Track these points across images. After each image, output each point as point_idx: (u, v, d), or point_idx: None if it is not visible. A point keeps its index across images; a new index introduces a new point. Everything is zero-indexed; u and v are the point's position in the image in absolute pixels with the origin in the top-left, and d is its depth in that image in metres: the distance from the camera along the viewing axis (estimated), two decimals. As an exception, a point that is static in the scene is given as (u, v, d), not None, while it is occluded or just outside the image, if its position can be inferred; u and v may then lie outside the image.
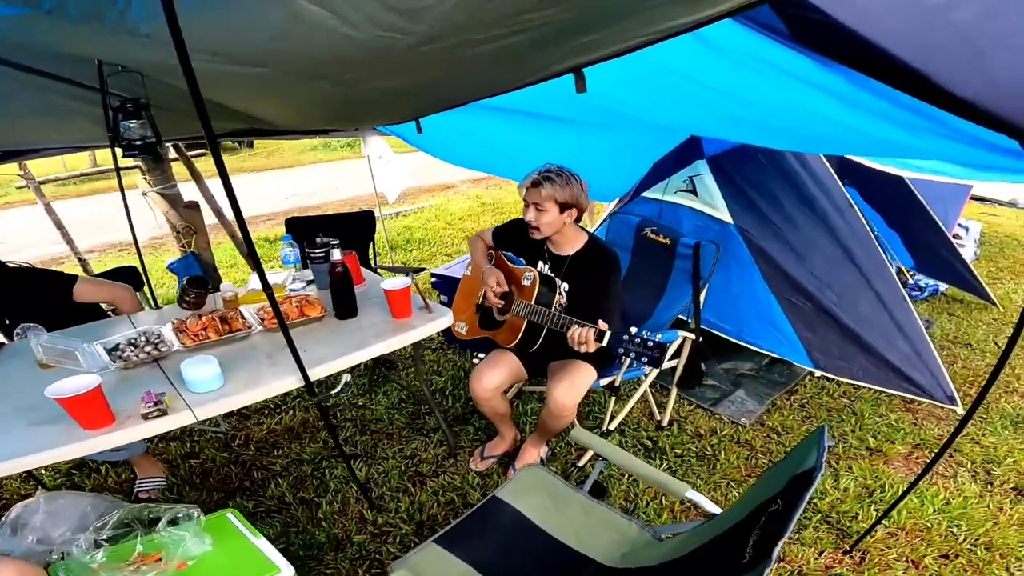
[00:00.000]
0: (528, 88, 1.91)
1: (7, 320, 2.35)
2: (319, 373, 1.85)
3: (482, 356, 3.38)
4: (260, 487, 2.50)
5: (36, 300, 2.37)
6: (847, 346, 3.11)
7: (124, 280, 2.56)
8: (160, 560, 1.41)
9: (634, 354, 1.84)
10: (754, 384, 3.18)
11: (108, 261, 5.56)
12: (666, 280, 2.71)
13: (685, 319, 2.70)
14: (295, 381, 1.79)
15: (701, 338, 2.60)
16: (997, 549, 2.14)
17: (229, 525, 1.61)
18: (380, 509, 2.36)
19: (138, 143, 1.98)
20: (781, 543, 0.96)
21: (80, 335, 2.04)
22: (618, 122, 2.61)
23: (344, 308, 2.21)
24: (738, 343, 3.30)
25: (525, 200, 2.25)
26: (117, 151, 2.03)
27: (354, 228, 3.43)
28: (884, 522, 2.21)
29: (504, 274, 2.41)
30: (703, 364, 2.99)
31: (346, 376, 1.91)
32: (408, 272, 2.38)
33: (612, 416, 2.67)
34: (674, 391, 2.83)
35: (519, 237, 2.41)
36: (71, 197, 8.79)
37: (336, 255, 2.16)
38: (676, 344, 2.56)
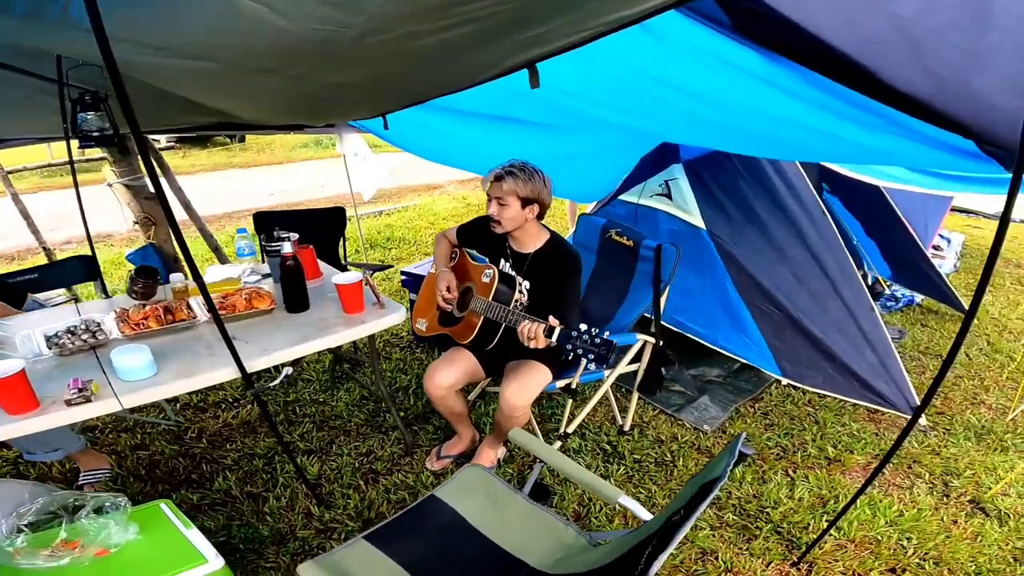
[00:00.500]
0: (492, 89, 1.88)
1: None
2: (258, 365, 1.81)
3: (445, 355, 3.35)
4: (207, 480, 2.46)
5: None
6: (813, 355, 3.10)
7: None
8: (78, 547, 1.39)
9: (581, 351, 1.83)
10: (720, 391, 3.16)
11: (82, 251, 5.49)
12: (628, 283, 2.68)
13: (650, 317, 2.67)
14: (231, 372, 1.75)
15: (661, 342, 2.57)
16: (946, 564, 2.11)
17: (160, 515, 1.59)
18: (328, 505, 2.33)
19: (95, 135, 1.98)
20: (663, 557, 0.92)
21: (27, 322, 2.00)
22: (585, 124, 2.58)
23: (294, 301, 2.17)
24: (707, 349, 3.29)
25: (488, 194, 2.24)
26: (73, 143, 2.03)
27: (324, 223, 3.40)
28: (834, 533, 2.19)
29: (465, 271, 2.39)
30: (664, 369, 2.97)
31: (287, 369, 1.87)
32: (375, 271, 2.35)
33: (571, 419, 2.63)
34: (635, 395, 2.81)
35: (483, 234, 2.39)
36: (57, 188, 8.69)
37: (287, 248, 2.12)
38: (636, 347, 2.53)
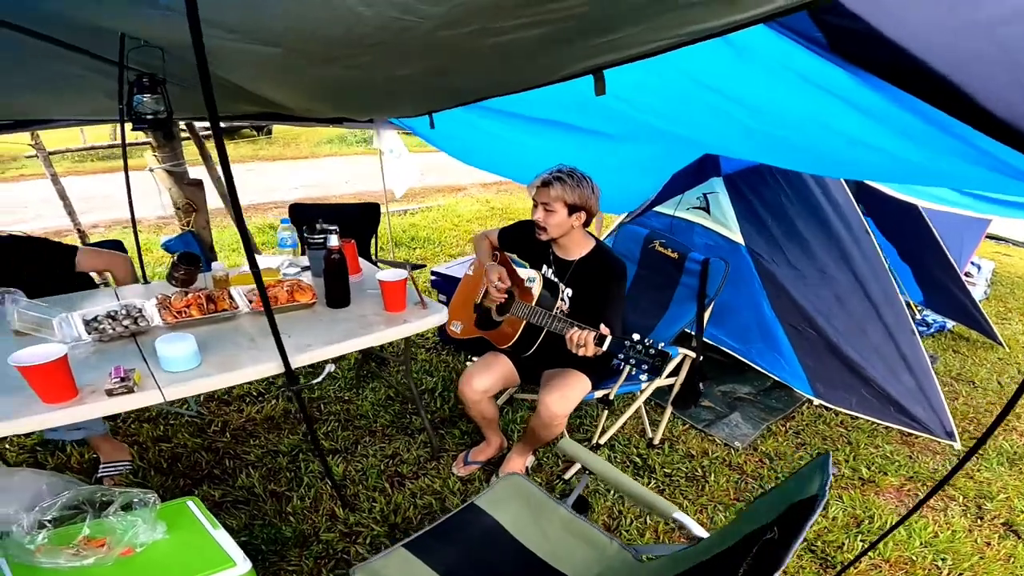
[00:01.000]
0: (543, 91, 1.85)
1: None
2: (301, 361, 1.78)
3: (475, 359, 3.31)
4: (230, 476, 2.42)
5: (35, 269, 2.33)
6: (849, 377, 3.07)
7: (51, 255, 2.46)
8: (104, 546, 1.33)
9: (634, 361, 1.78)
10: (750, 408, 3.12)
11: (109, 236, 5.53)
12: (671, 295, 2.63)
13: (690, 332, 2.63)
14: (275, 367, 1.71)
15: (701, 357, 2.52)
16: (980, 584, 2.07)
17: (188, 513, 1.53)
18: (353, 508, 2.28)
19: (149, 117, 1.97)
20: (777, 575, 0.88)
21: (64, 304, 1.96)
22: (634, 132, 2.54)
23: (336, 296, 2.14)
24: (737, 366, 3.26)
25: (534, 200, 2.20)
26: (126, 126, 2.03)
27: (357, 219, 3.38)
28: (869, 553, 2.15)
29: (507, 275, 2.34)
30: (701, 384, 2.92)
31: (329, 366, 1.83)
32: (417, 268, 2.32)
33: (603, 430, 2.59)
34: (668, 409, 2.76)
35: (525, 239, 2.36)
36: (88, 173, 8.77)
37: (333, 241, 2.09)
38: (675, 361, 2.48)
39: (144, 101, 1.89)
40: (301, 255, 2.65)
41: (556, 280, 2.27)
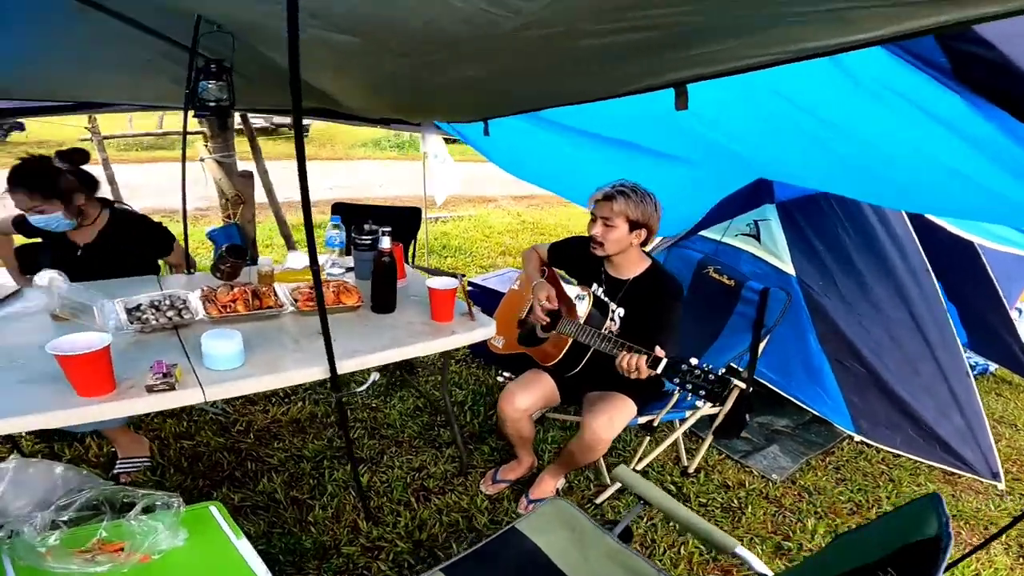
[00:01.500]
0: (606, 104, 1.77)
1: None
2: (348, 367, 1.70)
3: (508, 375, 3.23)
4: (251, 480, 2.35)
5: (141, 249, 2.42)
6: (895, 415, 2.97)
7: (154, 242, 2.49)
8: (121, 551, 1.22)
9: (691, 386, 1.70)
10: (789, 442, 3.03)
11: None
12: (723, 324, 2.53)
13: (736, 367, 2.52)
14: (320, 372, 1.64)
15: (752, 389, 2.40)
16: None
17: (210, 520, 1.42)
18: (377, 521, 2.20)
19: (212, 104, 1.95)
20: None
21: (105, 290, 1.90)
22: (696, 154, 2.45)
23: (383, 301, 2.06)
24: (776, 398, 3.16)
25: (593, 214, 2.12)
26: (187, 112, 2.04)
27: (399, 222, 3.31)
28: None
29: (555, 291, 2.26)
30: (748, 416, 2.82)
31: (375, 374, 1.76)
32: (455, 275, 2.24)
33: (641, 457, 2.50)
34: (709, 439, 2.66)
35: (577, 255, 2.28)
36: (130, 162, 8.88)
37: (385, 243, 2.02)
38: (725, 392, 2.38)
39: (209, 88, 1.86)
40: (346, 255, 2.58)
41: (606, 300, 2.18)
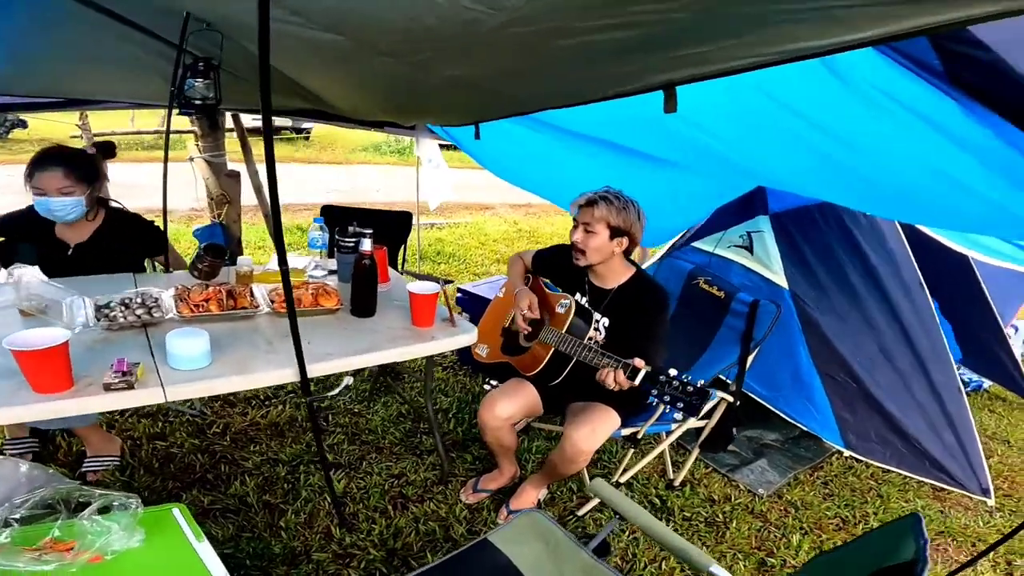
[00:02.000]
0: (599, 106, 1.74)
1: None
2: (320, 370, 1.65)
3: (495, 383, 3.16)
4: (223, 482, 2.30)
5: (137, 249, 2.39)
6: (885, 431, 2.94)
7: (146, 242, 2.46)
8: (70, 551, 1.18)
9: (669, 398, 1.66)
10: (777, 456, 2.99)
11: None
12: (712, 336, 2.49)
13: (724, 379, 2.48)
14: (291, 375, 1.59)
15: (739, 402, 2.36)
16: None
17: (171, 521, 1.38)
18: (351, 527, 2.15)
19: (198, 102, 1.92)
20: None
21: (79, 287, 1.85)
22: (689, 158, 2.41)
23: (362, 305, 2.01)
24: (765, 412, 3.12)
25: (575, 220, 2.09)
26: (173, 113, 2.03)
27: (389, 226, 3.27)
28: None
29: (539, 299, 2.22)
30: (735, 429, 2.78)
31: (348, 378, 1.71)
32: (438, 280, 2.20)
33: (625, 469, 2.45)
34: (695, 452, 2.62)
35: (561, 264, 2.25)
36: (122, 161, 8.84)
37: (366, 245, 1.97)
38: (711, 404, 2.33)
39: (196, 86, 1.83)
40: (329, 258, 2.54)
41: (589, 308, 2.15)
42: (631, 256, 2.18)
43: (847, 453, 3.00)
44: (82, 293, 1.76)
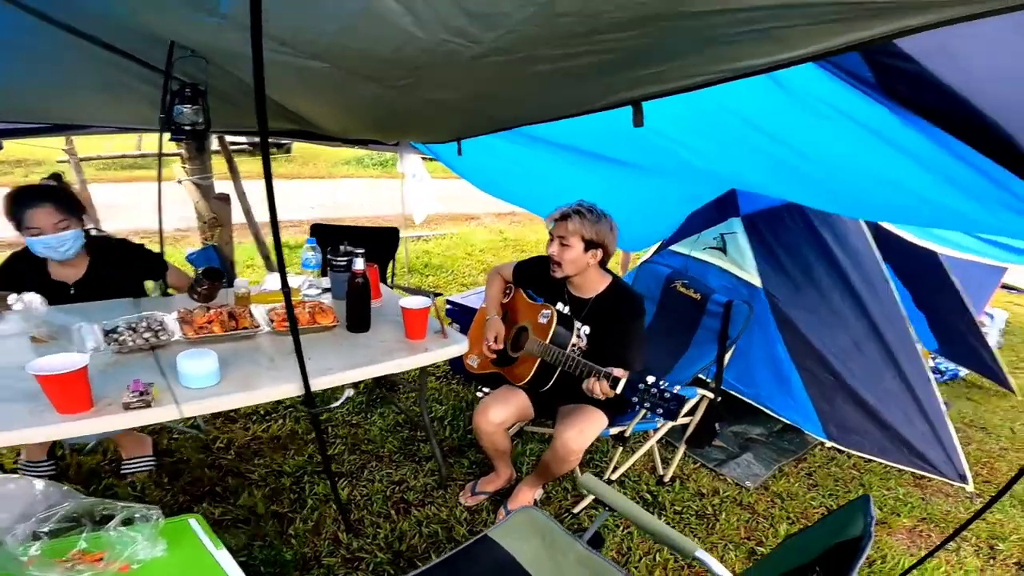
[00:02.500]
0: (578, 120, 1.86)
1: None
2: (322, 384, 1.74)
3: (487, 390, 3.25)
4: (232, 495, 2.37)
5: (128, 273, 2.36)
6: (863, 421, 3.06)
7: (141, 267, 2.46)
8: (100, 561, 1.26)
9: (649, 404, 1.75)
10: (763, 449, 3.10)
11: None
12: (691, 336, 2.60)
13: (704, 378, 2.59)
14: (295, 389, 1.68)
15: (720, 398, 2.47)
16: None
17: (190, 532, 1.45)
18: (357, 533, 2.23)
19: (187, 128, 1.96)
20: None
21: (83, 313, 1.95)
22: (662, 165, 2.54)
23: (358, 320, 2.11)
24: (750, 407, 3.23)
25: (551, 233, 2.19)
26: (164, 136, 2.02)
27: (377, 243, 3.37)
28: None
29: (520, 310, 2.33)
30: (718, 425, 2.89)
31: (348, 391, 1.80)
32: (428, 294, 2.30)
33: (616, 466, 2.55)
34: (682, 448, 2.72)
35: (541, 275, 2.34)
36: (106, 182, 8.86)
37: (359, 264, 2.07)
38: (693, 401, 2.45)
39: (184, 112, 1.89)
40: (322, 276, 2.63)
41: (571, 316, 2.24)
42: (606, 265, 2.28)
43: (829, 444, 3.10)
44: (87, 319, 1.84)
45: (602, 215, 2.13)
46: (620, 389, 1.83)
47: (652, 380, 1.76)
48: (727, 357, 2.47)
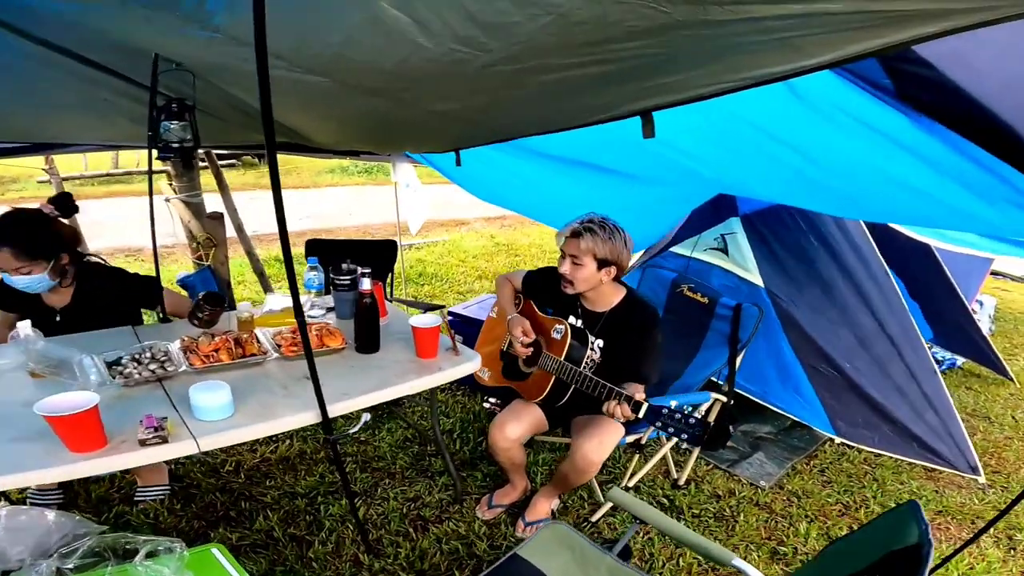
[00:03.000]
0: (577, 131, 1.84)
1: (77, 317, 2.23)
2: (339, 410, 1.71)
3: (494, 400, 3.24)
4: (247, 519, 2.33)
5: (120, 300, 2.29)
6: (871, 416, 3.06)
7: (134, 296, 2.38)
8: None
9: (673, 429, 1.72)
10: (773, 447, 3.09)
11: (113, 264, 5.40)
12: (700, 341, 2.60)
13: (716, 381, 2.58)
14: (312, 416, 1.65)
15: (732, 401, 2.46)
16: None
17: (214, 562, 1.43)
18: (377, 553, 2.19)
19: (175, 145, 1.90)
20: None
21: (80, 344, 1.88)
22: (664, 175, 2.52)
23: (367, 342, 2.07)
24: (758, 406, 3.22)
25: (562, 250, 2.13)
26: (152, 153, 1.95)
27: (376, 256, 3.32)
28: None
29: (532, 324, 2.28)
30: (732, 427, 2.88)
31: (365, 415, 1.76)
32: (435, 309, 2.26)
33: (632, 473, 2.54)
34: (696, 451, 2.71)
35: (551, 287, 2.28)
36: (87, 198, 8.71)
37: (365, 284, 2.03)
38: (707, 406, 2.43)
39: (171, 128, 1.82)
40: (325, 294, 2.58)
41: (584, 330, 2.20)
42: (621, 279, 2.23)
43: (838, 440, 3.10)
44: (85, 350, 1.78)
45: (615, 230, 2.06)
46: (642, 414, 1.79)
47: (675, 404, 1.73)
48: (739, 360, 2.46)
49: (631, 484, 2.53)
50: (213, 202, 3.72)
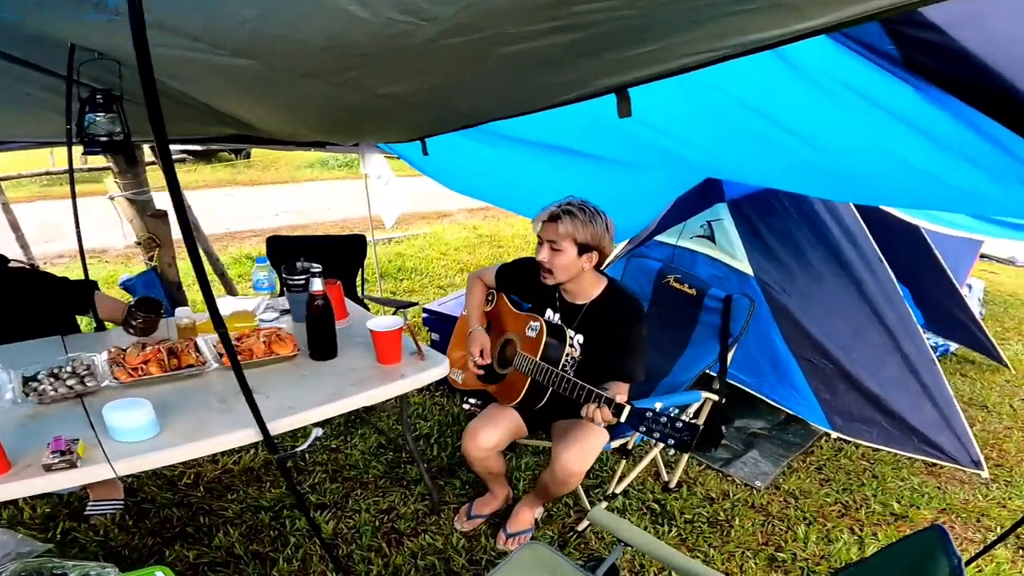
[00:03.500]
0: (548, 113, 1.66)
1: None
2: (283, 427, 1.54)
3: (473, 401, 3.08)
4: (206, 535, 2.18)
5: (48, 305, 2.15)
6: (868, 409, 2.94)
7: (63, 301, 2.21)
8: None
9: (658, 435, 1.55)
10: (768, 444, 2.96)
11: (73, 267, 5.18)
12: (689, 335, 2.45)
13: (710, 372, 2.43)
14: (252, 434, 1.46)
15: (724, 400, 2.31)
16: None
17: None
18: (347, 571, 2.05)
19: (103, 139, 1.75)
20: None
21: (7, 357, 1.71)
22: (643, 158, 2.36)
23: (321, 348, 1.90)
24: (750, 400, 3.10)
25: (539, 236, 1.97)
26: (79, 148, 1.82)
27: (343, 252, 3.15)
28: None
29: (506, 320, 2.13)
30: (724, 427, 2.74)
31: (317, 430, 1.59)
32: (398, 309, 2.09)
33: (620, 478, 2.40)
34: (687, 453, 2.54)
35: (527, 279, 2.13)
36: (56, 198, 8.40)
37: (316, 285, 1.85)
38: (696, 405, 2.29)
39: (97, 120, 1.68)
40: (280, 296, 2.40)
41: (561, 325, 2.04)
42: (602, 267, 2.09)
43: (835, 435, 2.99)
44: (6, 364, 1.63)
45: (595, 213, 1.92)
46: (624, 418, 1.64)
47: (659, 407, 1.58)
48: (730, 355, 2.31)
49: (619, 490, 2.39)
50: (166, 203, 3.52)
